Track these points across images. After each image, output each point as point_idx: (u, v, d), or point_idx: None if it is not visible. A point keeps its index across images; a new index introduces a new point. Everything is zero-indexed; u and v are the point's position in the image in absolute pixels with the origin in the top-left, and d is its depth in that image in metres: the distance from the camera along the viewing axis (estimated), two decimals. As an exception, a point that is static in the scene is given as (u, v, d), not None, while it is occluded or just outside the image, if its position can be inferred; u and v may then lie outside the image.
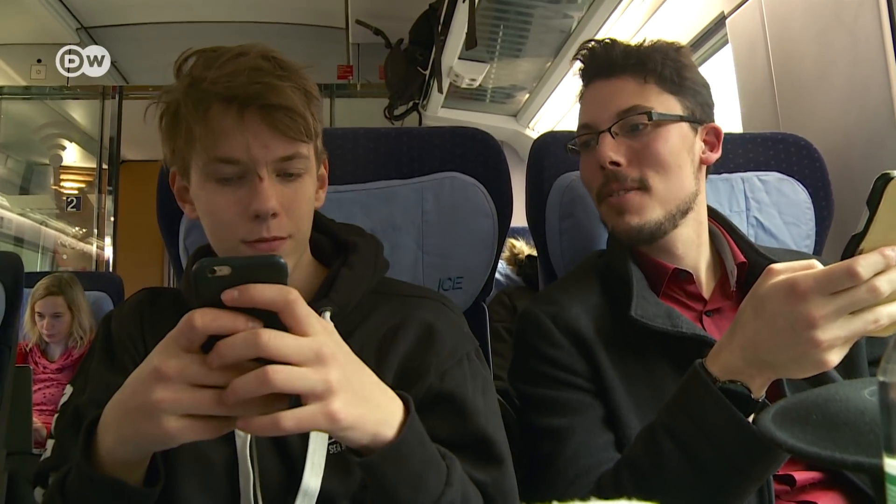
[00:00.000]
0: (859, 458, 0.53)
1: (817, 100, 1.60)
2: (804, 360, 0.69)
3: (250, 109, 0.82)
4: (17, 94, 5.22)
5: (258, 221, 0.83)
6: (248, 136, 0.82)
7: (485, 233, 1.25)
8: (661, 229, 1.02)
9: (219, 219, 0.86)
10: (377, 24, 3.57)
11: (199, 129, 0.82)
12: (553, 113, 3.46)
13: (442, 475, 0.73)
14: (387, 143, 1.30)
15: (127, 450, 0.66)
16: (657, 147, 1.01)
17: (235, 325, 0.58)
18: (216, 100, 0.82)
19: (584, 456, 0.93)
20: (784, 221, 1.34)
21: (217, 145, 0.82)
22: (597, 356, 0.98)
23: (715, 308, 1.05)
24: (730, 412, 0.75)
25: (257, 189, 0.83)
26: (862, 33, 1.43)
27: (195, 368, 0.58)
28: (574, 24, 2.49)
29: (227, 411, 0.59)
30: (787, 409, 0.63)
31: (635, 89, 1.03)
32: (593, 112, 1.06)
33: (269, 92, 0.82)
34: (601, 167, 1.02)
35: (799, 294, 0.68)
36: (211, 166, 0.84)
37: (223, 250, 0.88)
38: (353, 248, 0.96)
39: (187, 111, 0.83)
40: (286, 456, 0.84)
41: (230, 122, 0.82)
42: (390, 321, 0.92)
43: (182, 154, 0.87)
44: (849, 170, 1.47)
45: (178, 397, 0.59)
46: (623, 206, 1.01)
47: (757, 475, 0.78)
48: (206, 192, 0.86)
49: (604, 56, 1.06)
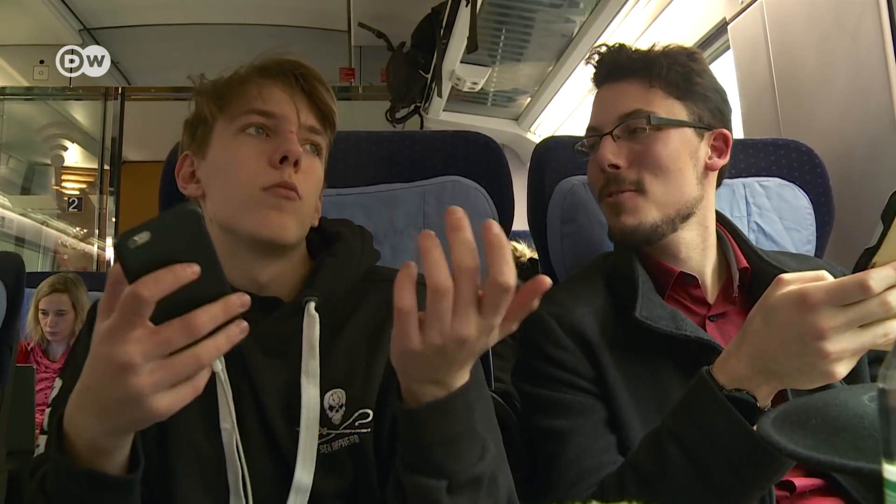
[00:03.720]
0: (858, 463, 0.53)
1: (818, 105, 1.60)
2: (812, 370, 0.69)
3: (295, 80, 0.92)
4: (20, 94, 5.23)
5: (281, 168, 0.87)
6: (288, 96, 0.91)
7: (486, 236, 1.25)
8: (658, 232, 1.02)
9: (240, 167, 0.88)
10: (379, 27, 3.58)
11: (245, 87, 0.91)
12: (555, 117, 3.46)
13: (477, 449, 0.73)
14: (389, 147, 1.30)
15: (115, 437, 0.66)
16: (656, 151, 1.01)
17: (179, 278, 0.58)
18: (265, 70, 0.93)
19: (585, 458, 0.93)
20: (785, 227, 1.35)
21: (259, 98, 0.90)
22: (601, 358, 0.98)
23: (719, 313, 1.05)
24: (736, 420, 0.75)
25: (287, 137, 0.89)
26: (863, 39, 1.44)
27: (157, 343, 0.58)
28: (576, 29, 2.49)
29: (204, 362, 0.60)
30: (787, 414, 0.63)
31: (640, 93, 1.04)
32: (598, 115, 1.08)
33: (310, 69, 0.94)
34: (601, 170, 1.03)
35: (809, 305, 0.68)
36: (246, 118, 0.90)
37: (236, 202, 0.88)
38: (338, 238, 0.97)
39: (236, 76, 0.93)
40: (277, 452, 0.84)
41: (276, 85, 0.92)
42: (382, 310, 0.92)
43: (210, 121, 0.92)
44: (849, 175, 1.47)
45: (156, 378, 0.59)
46: (619, 206, 1.03)
47: (761, 483, 0.78)
48: (231, 145, 0.90)
49: (612, 60, 1.08)
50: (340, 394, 0.86)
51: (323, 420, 0.85)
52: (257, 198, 0.86)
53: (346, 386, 0.87)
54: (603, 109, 1.07)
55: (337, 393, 0.86)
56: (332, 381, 0.86)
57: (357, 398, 0.86)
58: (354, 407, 0.86)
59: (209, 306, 0.60)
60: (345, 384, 0.87)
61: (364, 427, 0.86)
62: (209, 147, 0.92)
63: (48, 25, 4.54)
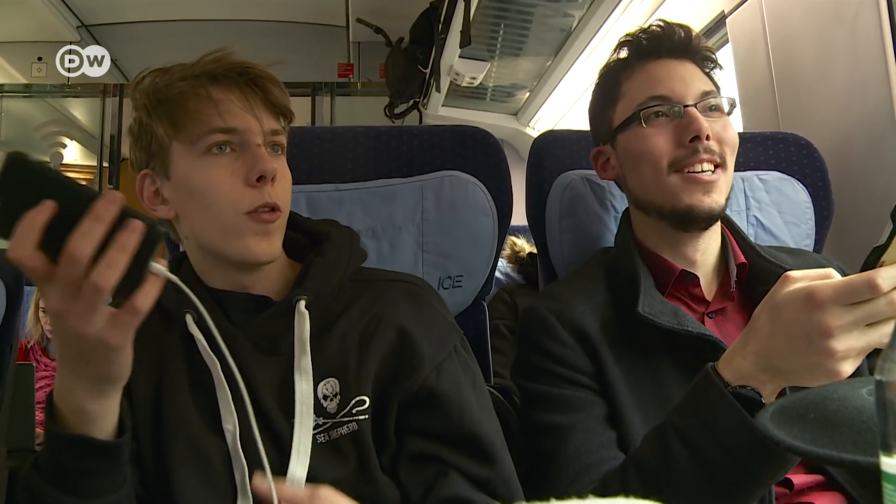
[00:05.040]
0: (856, 456, 0.53)
1: (817, 99, 1.60)
2: (817, 369, 0.69)
3: (246, 83, 0.87)
4: (18, 91, 5.22)
5: (259, 186, 0.85)
6: (247, 105, 0.86)
7: (485, 231, 1.25)
8: (721, 215, 1.03)
9: (217, 192, 0.85)
10: (378, 23, 3.57)
11: (196, 104, 0.85)
12: (554, 112, 3.46)
13: None
14: (387, 142, 1.30)
15: (99, 399, 0.71)
16: (732, 131, 1.03)
17: (37, 223, 0.60)
18: (213, 76, 0.87)
19: (585, 453, 0.93)
20: (784, 221, 1.34)
21: (216, 115, 0.85)
22: (600, 354, 0.98)
23: (717, 309, 1.05)
24: (741, 417, 0.74)
25: (257, 153, 0.86)
26: (862, 32, 1.44)
27: (61, 283, 0.62)
28: (575, 23, 2.49)
29: (103, 285, 0.61)
30: (786, 408, 0.63)
31: (704, 77, 1.06)
32: (672, 85, 1.03)
33: (259, 70, 0.88)
34: (689, 139, 1.00)
35: (816, 303, 0.67)
36: (207, 138, 0.85)
37: (219, 229, 0.87)
38: (326, 237, 0.97)
39: (182, 90, 0.85)
40: (278, 445, 0.85)
41: (230, 94, 0.86)
42: (372, 309, 0.92)
43: (165, 143, 0.87)
44: (849, 169, 1.47)
45: (82, 317, 0.63)
46: (710, 184, 1.00)
47: (765, 479, 0.78)
48: (198, 170, 0.86)
49: (683, 38, 1.07)
50: (334, 383, 0.88)
51: (318, 409, 0.86)
52: (242, 224, 0.85)
53: (339, 375, 0.88)
54: (678, 81, 1.04)
55: (330, 382, 0.88)
56: (325, 371, 0.88)
57: (352, 386, 0.87)
58: (350, 395, 0.87)
59: (78, 225, 0.61)
60: (338, 373, 0.88)
61: (361, 414, 0.87)
62: (171, 168, 0.88)
63: (46, 22, 4.54)
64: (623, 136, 1.07)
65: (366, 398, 0.87)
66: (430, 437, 0.88)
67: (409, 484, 0.87)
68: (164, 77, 0.88)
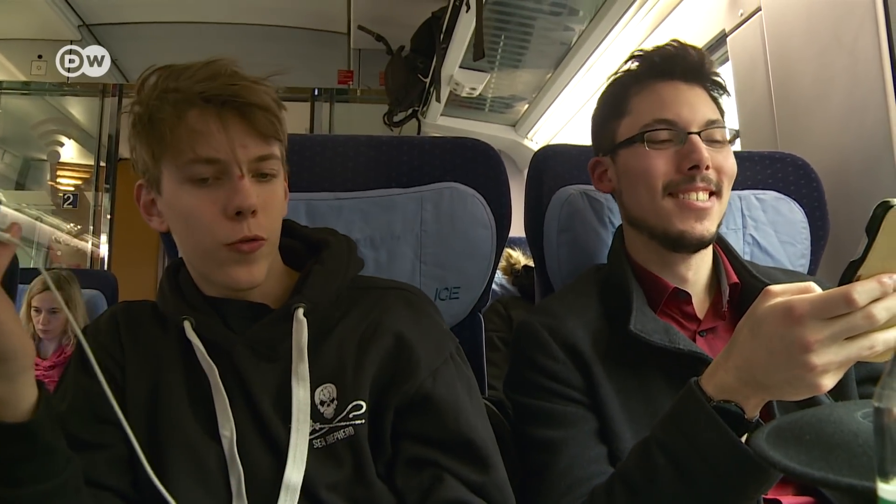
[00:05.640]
0: (852, 480, 0.53)
1: (815, 119, 1.61)
2: (798, 382, 0.69)
3: (229, 109, 0.84)
4: (17, 89, 5.22)
5: (238, 220, 0.84)
6: (227, 136, 0.83)
7: (483, 244, 1.25)
8: (711, 241, 1.04)
9: (197, 221, 0.85)
10: (379, 31, 3.58)
11: (177, 132, 0.83)
12: (552, 124, 3.47)
13: None
14: (388, 152, 1.30)
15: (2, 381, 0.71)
16: (732, 162, 1.04)
17: None
18: (195, 101, 0.83)
19: (576, 468, 0.93)
20: (780, 240, 1.35)
21: (196, 145, 0.83)
22: (592, 370, 0.99)
23: (708, 328, 1.05)
24: (723, 431, 0.75)
25: (237, 186, 0.83)
26: (861, 54, 1.45)
27: None
28: (575, 38, 2.50)
29: None
30: (782, 429, 0.63)
31: (712, 103, 1.07)
32: (680, 111, 1.03)
33: (247, 92, 0.84)
34: (688, 167, 1.00)
35: (795, 318, 0.68)
36: (189, 168, 0.84)
37: (201, 255, 0.88)
38: (324, 246, 0.97)
39: (164, 115, 0.83)
40: (275, 451, 0.86)
41: (209, 123, 0.83)
42: (370, 316, 0.93)
43: (154, 163, 0.86)
44: (845, 190, 1.48)
45: None
46: (703, 211, 1.01)
47: (749, 493, 0.78)
48: (182, 195, 0.85)
49: (696, 61, 1.07)
50: (331, 388, 0.88)
51: (315, 415, 0.87)
52: (221, 254, 0.85)
53: (337, 381, 0.88)
54: (685, 107, 1.03)
55: (327, 388, 0.88)
56: (323, 377, 0.88)
57: (349, 391, 0.88)
58: (347, 400, 0.88)
59: None
60: (335, 379, 0.88)
61: (358, 419, 0.87)
62: (161, 184, 0.87)
63: (47, 21, 4.54)
64: (624, 153, 1.07)
65: (363, 403, 0.88)
66: (425, 441, 0.88)
67: (405, 488, 0.88)
68: (154, 92, 0.85)
